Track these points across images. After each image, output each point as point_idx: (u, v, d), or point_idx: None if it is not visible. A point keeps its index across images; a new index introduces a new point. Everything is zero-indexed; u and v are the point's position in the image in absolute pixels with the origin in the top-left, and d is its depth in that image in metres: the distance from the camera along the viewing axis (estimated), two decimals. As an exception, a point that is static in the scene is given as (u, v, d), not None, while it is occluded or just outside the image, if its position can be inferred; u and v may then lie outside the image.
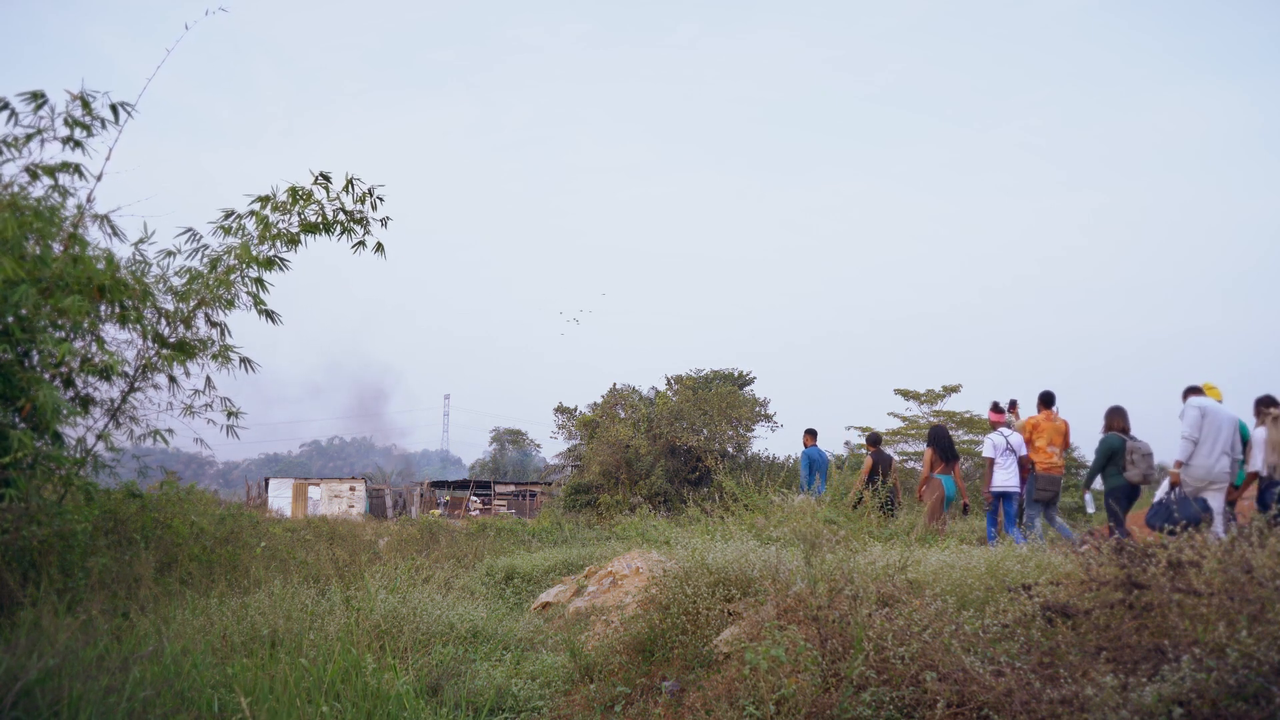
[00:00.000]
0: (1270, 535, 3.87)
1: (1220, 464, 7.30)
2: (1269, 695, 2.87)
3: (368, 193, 6.60)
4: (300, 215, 6.47)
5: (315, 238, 6.59)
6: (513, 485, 44.95)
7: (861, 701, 3.67)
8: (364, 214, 6.64)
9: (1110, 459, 8.08)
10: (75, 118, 5.32)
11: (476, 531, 17.91)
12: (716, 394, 26.98)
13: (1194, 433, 7.28)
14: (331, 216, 6.58)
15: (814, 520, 7.07)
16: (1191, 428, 7.30)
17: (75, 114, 5.31)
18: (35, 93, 5.16)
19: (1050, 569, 4.88)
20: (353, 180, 6.52)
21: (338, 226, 6.62)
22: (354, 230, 6.67)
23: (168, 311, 6.05)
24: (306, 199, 6.44)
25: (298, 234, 6.49)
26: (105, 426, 5.88)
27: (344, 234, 6.65)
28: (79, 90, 5.28)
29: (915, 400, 29.38)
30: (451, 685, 5.06)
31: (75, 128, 5.33)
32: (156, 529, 6.62)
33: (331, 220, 6.59)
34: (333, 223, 6.60)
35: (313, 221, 6.52)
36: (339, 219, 6.60)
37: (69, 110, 5.29)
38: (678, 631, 5.19)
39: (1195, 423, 7.30)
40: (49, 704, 3.56)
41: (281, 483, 41.21)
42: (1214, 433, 7.30)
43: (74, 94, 5.27)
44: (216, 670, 4.37)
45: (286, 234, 6.44)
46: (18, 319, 4.75)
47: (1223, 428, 7.34)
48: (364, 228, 6.68)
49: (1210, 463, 7.30)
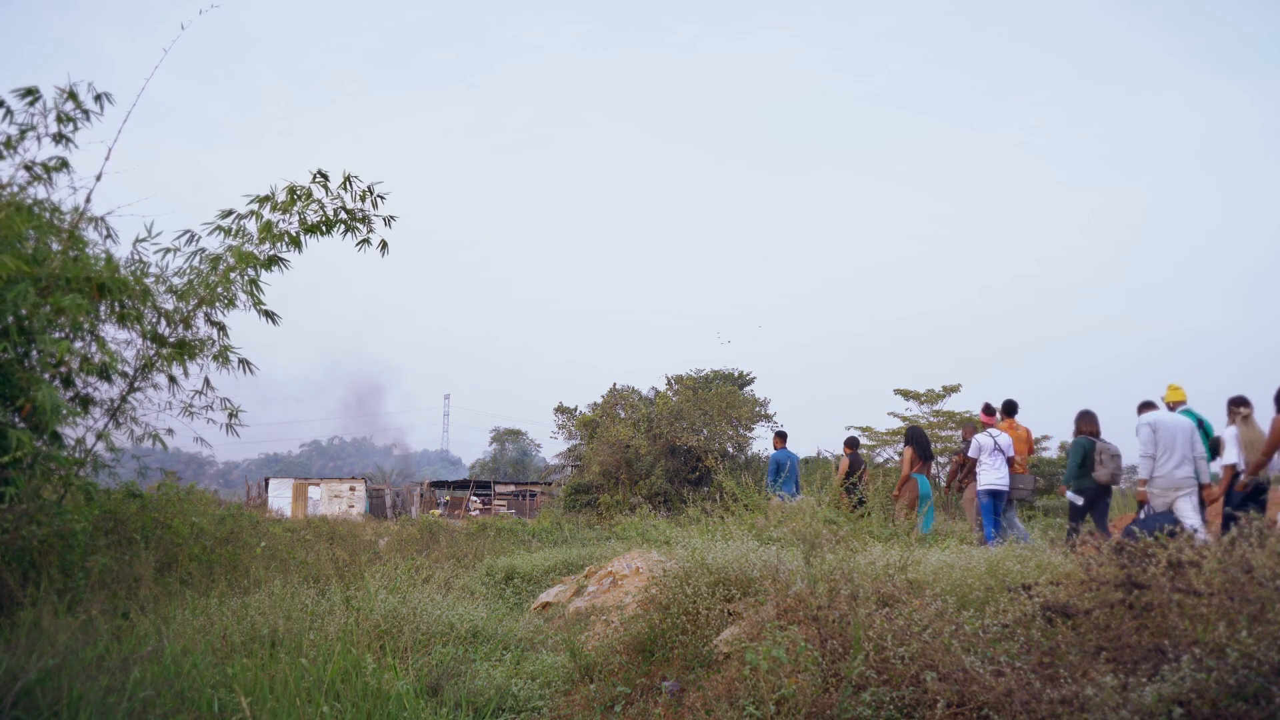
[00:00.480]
0: (1270, 535, 3.87)
1: (1182, 470, 7.49)
2: (1269, 695, 2.87)
3: (368, 190, 6.61)
4: (300, 215, 6.47)
5: (318, 238, 6.61)
6: (513, 485, 44.96)
7: (861, 701, 3.67)
8: (366, 212, 6.66)
9: (1083, 460, 8.37)
10: (65, 112, 5.32)
11: (476, 531, 17.90)
12: (716, 394, 26.98)
13: (1149, 449, 7.52)
14: (333, 215, 6.59)
15: (814, 520, 7.06)
16: (1146, 445, 7.53)
17: (66, 109, 5.32)
18: (29, 89, 5.17)
19: (1050, 569, 4.88)
20: (350, 178, 6.53)
21: (340, 225, 6.63)
22: (357, 229, 6.68)
23: (167, 311, 6.05)
24: (306, 198, 6.45)
25: (298, 234, 6.50)
26: (105, 426, 5.88)
27: (348, 232, 6.66)
28: (67, 85, 5.30)
29: (915, 400, 29.38)
30: (451, 685, 5.05)
31: (64, 122, 5.35)
32: (156, 529, 6.62)
33: (333, 219, 6.60)
34: (334, 221, 6.61)
35: (313, 221, 6.53)
36: (340, 218, 6.61)
37: (59, 105, 5.30)
38: (678, 631, 5.19)
39: (1149, 440, 7.53)
40: (49, 704, 3.56)
41: (281, 483, 41.22)
42: (1169, 444, 7.50)
43: (63, 89, 5.29)
44: (216, 670, 4.37)
45: (287, 234, 6.45)
46: (16, 318, 4.75)
47: (1177, 436, 7.52)
48: (367, 226, 6.69)
49: (1171, 471, 7.50)
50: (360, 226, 6.66)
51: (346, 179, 6.53)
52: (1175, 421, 7.63)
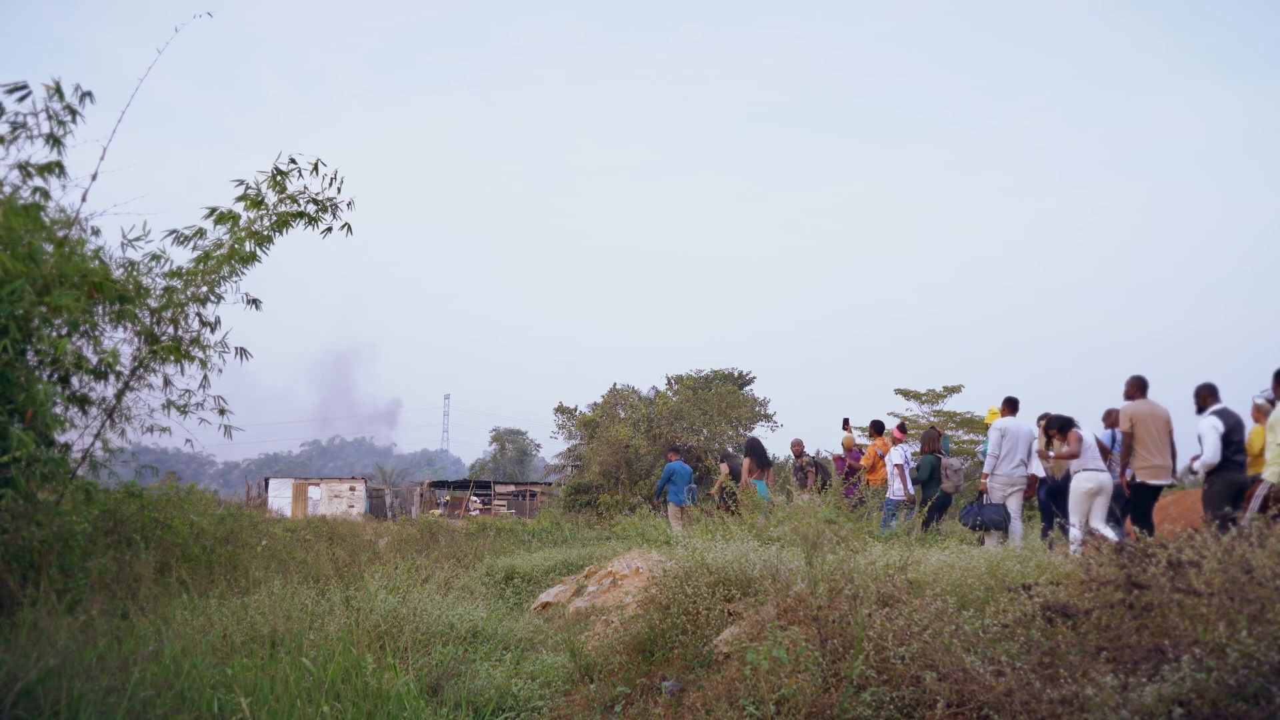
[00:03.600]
0: (1270, 535, 3.87)
1: (1018, 472, 8.85)
2: (1269, 695, 2.86)
3: (334, 175, 6.69)
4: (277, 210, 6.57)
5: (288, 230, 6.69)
6: (513, 485, 44.93)
7: (862, 701, 3.67)
8: (334, 199, 6.74)
9: (931, 474, 10.11)
10: (54, 111, 5.33)
11: (476, 531, 17.90)
12: (716, 394, 26.98)
13: (996, 450, 8.92)
14: (303, 205, 6.67)
15: (815, 520, 7.06)
16: (994, 446, 8.94)
17: (54, 107, 5.32)
18: (17, 84, 5.17)
19: (1050, 569, 4.88)
20: (318, 162, 6.60)
21: (303, 218, 6.70)
22: (321, 218, 6.76)
23: (158, 310, 6.06)
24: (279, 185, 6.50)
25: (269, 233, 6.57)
26: (102, 426, 5.89)
27: (311, 224, 6.73)
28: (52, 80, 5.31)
29: (916, 400, 29.37)
30: (451, 685, 5.05)
31: (55, 122, 5.35)
32: (156, 529, 6.62)
33: (303, 210, 6.68)
34: (302, 213, 6.69)
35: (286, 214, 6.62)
36: (307, 210, 6.68)
37: (48, 104, 5.29)
38: (678, 631, 5.19)
39: (996, 442, 8.94)
40: (50, 704, 3.56)
41: (281, 483, 41.15)
42: (1012, 448, 8.87)
43: (50, 85, 5.29)
44: (216, 670, 4.37)
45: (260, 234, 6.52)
46: (14, 316, 4.75)
47: (1019, 443, 8.89)
48: (333, 212, 6.76)
49: (1010, 471, 8.86)
50: (325, 215, 6.76)
51: (315, 164, 6.59)
52: (1019, 428, 8.91)
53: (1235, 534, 3.97)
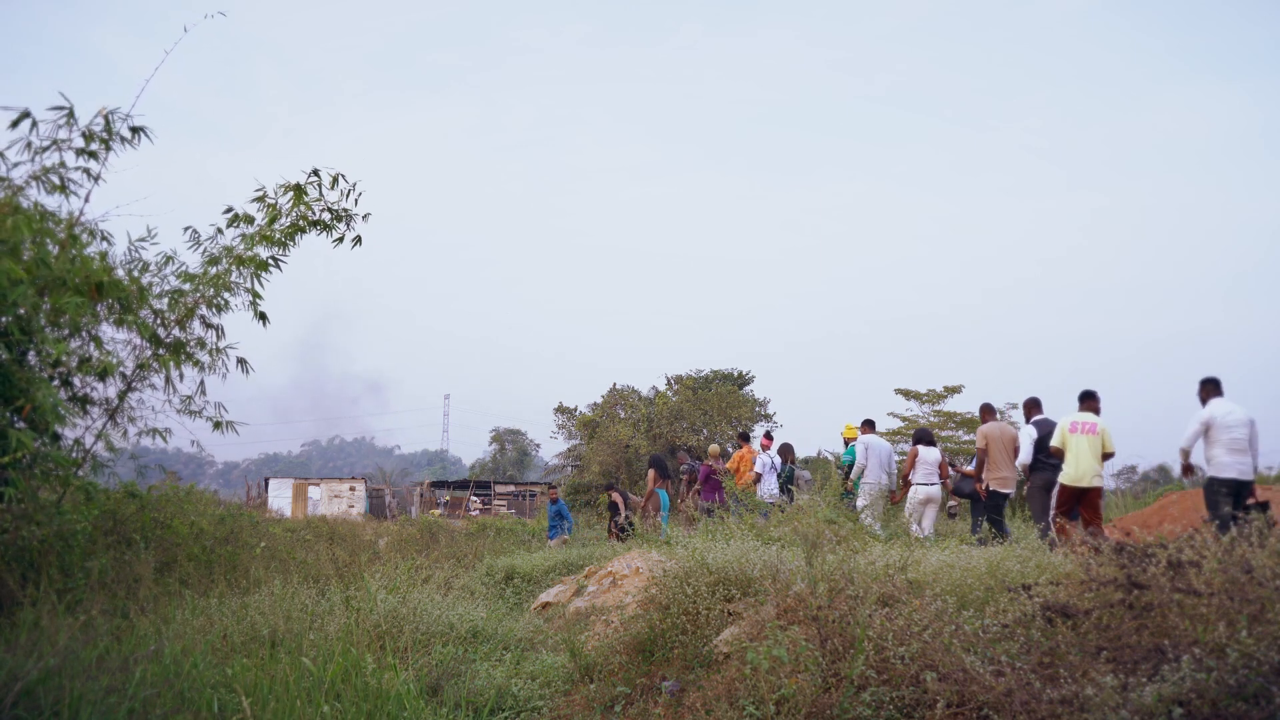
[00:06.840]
0: (1270, 535, 3.87)
1: (882, 480, 10.49)
2: (1269, 695, 2.87)
3: (352, 188, 6.74)
4: (292, 218, 6.59)
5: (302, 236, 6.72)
6: (513, 485, 44.92)
7: (862, 701, 3.67)
8: (350, 210, 6.80)
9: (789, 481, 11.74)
10: (95, 132, 5.38)
11: (476, 531, 17.90)
12: (716, 394, 26.99)
13: (862, 459, 10.56)
14: (318, 214, 6.70)
15: (815, 520, 7.06)
16: (860, 457, 10.57)
17: (96, 128, 5.38)
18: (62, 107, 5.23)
19: (1050, 569, 4.88)
20: (338, 176, 6.66)
21: (319, 226, 6.75)
22: (335, 226, 6.79)
23: (163, 312, 6.06)
24: (299, 198, 6.54)
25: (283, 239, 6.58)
26: (103, 427, 5.89)
27: (325, 231, 6.77)
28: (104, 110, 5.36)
29: (916, 400, 29.34)
30: (451, 685, 5.05)
31: (93, 141, 5.38)
32: (156, 529, 6.62)
33: (318, 218, 6.72)
34: (321, 222, 6.73)
35: (301, 223, 6.65)
36: (322, 218, 6.72)
37: (91, 126, 5.34)
38: (678, 631, 5.19)
39: (861, 454, 10.59)
40: (50, 704, 3.56)
41: (281, 483, 41.12)
42: (876, 458, 10.55)
43: (104, 111, 5.37)
44: (216, 670, 4.37)
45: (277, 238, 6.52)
46: (16, 318, 4.75)
47: (880, 454, 10.64)
48: (348, 223, 6.79)
49: (878, 478, 10.48)
50: (340, 224, 6.80)
51: (335, 178, 6.65)
52: (879, 443, 10.79)
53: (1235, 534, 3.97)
